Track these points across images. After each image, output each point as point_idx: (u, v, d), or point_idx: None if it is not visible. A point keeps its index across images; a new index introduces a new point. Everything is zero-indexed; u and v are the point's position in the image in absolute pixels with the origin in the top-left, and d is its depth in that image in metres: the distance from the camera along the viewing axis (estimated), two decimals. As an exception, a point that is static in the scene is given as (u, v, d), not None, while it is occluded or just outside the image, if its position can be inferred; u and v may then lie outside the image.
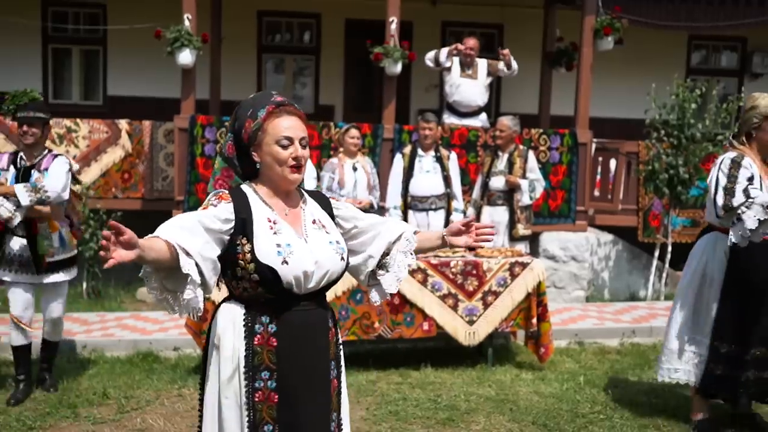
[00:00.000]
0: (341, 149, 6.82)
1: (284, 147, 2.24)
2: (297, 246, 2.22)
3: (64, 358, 5.73)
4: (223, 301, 2.35)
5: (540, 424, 4.50)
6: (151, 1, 9.10)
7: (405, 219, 6.63)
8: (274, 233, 2.22)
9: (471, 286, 5.60)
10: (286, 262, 2.17)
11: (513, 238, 6.62)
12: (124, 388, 5.09)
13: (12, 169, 4.82)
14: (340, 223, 2.45)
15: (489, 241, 2.51)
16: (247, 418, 2.20)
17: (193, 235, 2.08)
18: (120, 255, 1.85)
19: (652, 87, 7.78)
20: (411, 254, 2.46)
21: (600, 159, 9.09)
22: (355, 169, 6.50)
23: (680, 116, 7.82)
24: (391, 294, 2.48)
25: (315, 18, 11.15)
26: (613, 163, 8.96)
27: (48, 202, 4.70)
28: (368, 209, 6.39)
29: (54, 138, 8.26)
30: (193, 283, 2.05)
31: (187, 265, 2.02)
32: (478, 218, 6.78)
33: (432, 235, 2.54)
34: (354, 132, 6.57)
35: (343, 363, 2.45)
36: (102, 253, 1.84)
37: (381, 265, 2.46)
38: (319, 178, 6.84)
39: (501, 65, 8.04)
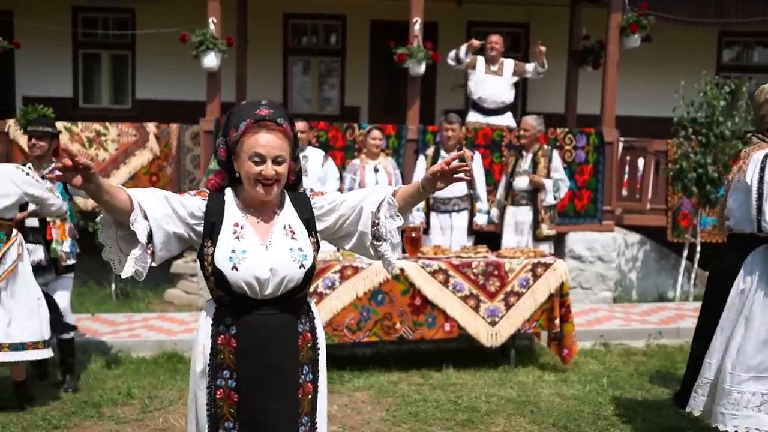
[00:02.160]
0: (364, 150, 6.83)
1: (256, 164, 2.25)
2: (252, 253, 2.24)
3: (91, 358, 5.82)
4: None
5: (561, 426, 4.45)
6: (179, 6, 9.21)
7: (427, 220, 6.62)
8: (236, 238, 2.26)
9: (493, 286, 5.57)
10: (236, 268, 2.21)
11: (537, 239, 6.57)
12: (148, 388, 5.16)
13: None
14: (325, 219, 2.44)
15: (468, 176, 2.40)
16: (208, 413, 2.28)
17: (157, 203, 2.20)
18: (69, 176, 1.97)
19: (680, 85, 7.67)
20: (397, 215, 2.42)
21: (628, 158, 8.99)
22: (376, 170, 6.50)
23: (709, 114, 7.69)
24: (395, 262, 2.46)
25: (340, 20, 11.18)
26: (641, 162, 8.85)
27: (49, 213, 4.90)
28: None
29: (84, 141, 8.41)
30: (141, 245, 2.15)
31: (137, 223, 2.13)
32: (501, 218, 6.74)
33: (411, 187, 2.45)
34: (376, 133, 6.57)
35: (322, 367, 2.43)
36: (58, 173, 1.96)
37: (376, 236, 2.42)
38: (342, 179, 6.87)
39: (529, 66, 7.98)
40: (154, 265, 2.23)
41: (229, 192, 2.36)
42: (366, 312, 5.42)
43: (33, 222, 4.99)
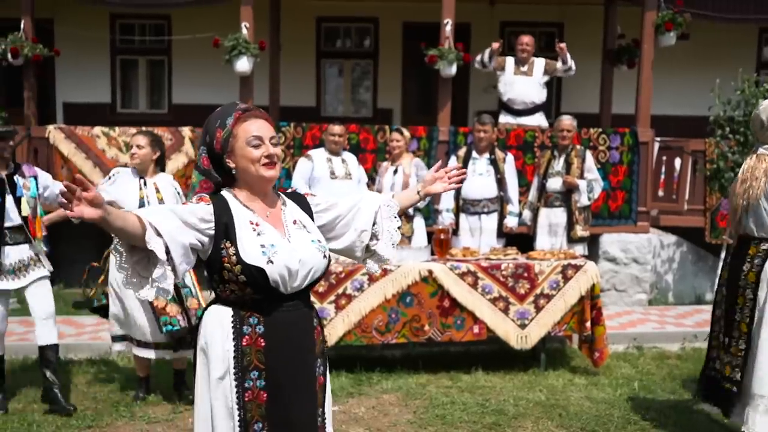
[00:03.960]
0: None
1: (256, 147, 2.30)
2: (281, 246, 2.28)
3: (126, 359, 5.93)
4: (210, 303, 2.40)
5: (589, 430, 4.40)
6: (213, 11, 9.32)
7: (457, 222, 6.59)
8: (258, 234, 2.28)
9: (522, 289, 5.53)
10: (271, 261, 2.23)
11: (571, 240, 6.50)
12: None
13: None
14: (321, 216, 2.52)
15: (461, 181, 2.59)
16: (238, 418, 2.27)
17: (166, 218, 2.16)
18: (81, 210, 1.91)
19: (716, 82, 7.52)
20: (396, 217, 2.59)
21: (664, 158, 8.85)
22: (395, 172, 6.50)
23: (747, 113, 7.52)
24: (387, 261, 2.61)
25: (373, 22, 11.22)
26: (677, 162, 8.70)
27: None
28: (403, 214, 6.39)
29: (121, 146, 8.55)
30: (161, 262, 2.12)
31: (153, 241, 2.09)
32: (534, 220, 6.67)
33: (409, 192, 2.66)
34: (395, 135, 6.56)
35: (327, 360, 2.51)
36: (62, 200, 1.92)
37: (372, 235, 2.57)
38: (374, 181, 6.90)
39: (558, 64, 7.91)
40: (177, 280, 2.22)
41: (227, 193, 2.37)
42: (394, 314, 5.42)
43: (10, 221, 4.71)
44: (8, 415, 4.66)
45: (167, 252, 2.14)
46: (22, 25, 8.61)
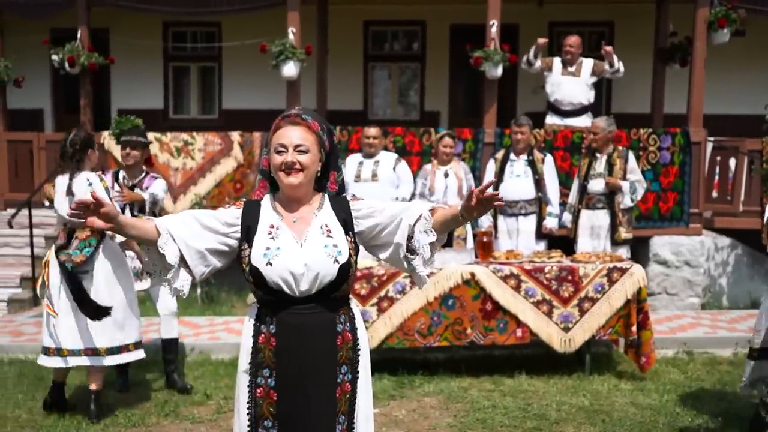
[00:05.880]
0: (437, 156, 6.83)
1: (279, 153, 2.37)
2: (286, 249, 2.33)
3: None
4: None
5: (632, 436, 4.32)
6: (262, 17, 9.45)
7: (495, 224, 6.54)
8: (271, 238, 2.35)
9: (566, 292, 5.46)
10: (270, 264, 2.30)
11: (615, 242, 6.38)
12: (224, 389, 5.31)
13: (116, 186, 5.19)
14: (361, 223, 2.45)
15: (500, 201, 2.30)
16: (248, 412, 2.37)
17: (184, 225, 2.35)
18: (93, 221, 2.17)
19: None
20: (431, 231, 2.38)
21: (718, 158, 8.61)
22: (446, 175, 6.47)
23: (804, 110, 7.28)
24: (428, 276, 2.45)
25: (420, 25, 11.23)
26: (732, 162, 8.45)
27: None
28: None
29: (172, 151, 8.75)
30: (173, 268, 2.32)
31: (165, 247, 2.30)
32: (575, 222, 6.56)
33: (450, 211, 2.40)
34: (447, 140, 6.54)
35: (364, 368, 2.45)
36: (72, 212, 2.17)
37: (411, 249, 2.41)
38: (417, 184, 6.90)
39: (606, 65, 7.79)
40: (196, 281, 2.39)
41: (267, 198, 2.48)
42: (437, 317, 5.41)
43: None
44: (59, 413, 4.81)
45: (181, 257, 2.31)
46: (78, 35, 8.91)
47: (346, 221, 2.44)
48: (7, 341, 6.41)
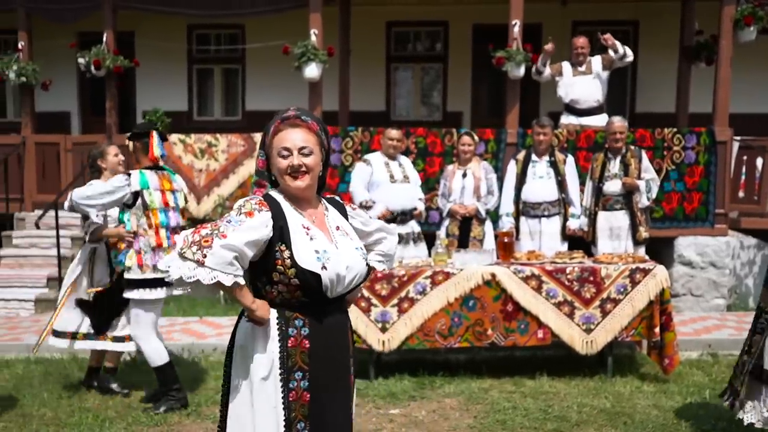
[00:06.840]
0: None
1: (284, 157, 2.36)
2: (331, 251, 2.35)
3: (195, 359, 6.11)
4: None
5: (654, 439, 4.28)
6: (285, 20, 9.51)
7: (517, 226, 6.48)
8: (311, 239, 2.35)
9: (588, 293, 5.42)
10: (325, 267, 2.31)
11: (637, 242, 6.32)
12: (246, 388, 5.34)
13: None
14: (353, 223, 2.60)
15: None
16: (283, 418, 2.32)
17: (243, 260, 2.29)
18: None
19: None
20: (381, 264, 2.76)
21: (744, 158, 8.49)
22: (464, 175, 6.45)
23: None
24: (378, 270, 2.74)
25: (443, 26, 11.21)
26: (759, 161, 8.34)
27: None
28: (474, 215, 6.35)
29: (196, 152, 8.84)
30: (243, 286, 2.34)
31: (221, 277, 2.25)
32: (593, 224, 6.47)
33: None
34: (465, 139, 6.50)
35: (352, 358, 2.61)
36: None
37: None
38: (439, 185, 6.88)
39: (611, 53, 7.71)
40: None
41: (277, 194, 2.42)
42: (457, 317, 5.40)
43: None
44: (82, 411, 4.87)
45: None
46: (104, 38, 9.03)
47: (347, 221, 2.57)
48: (34, 340, 6.50)
